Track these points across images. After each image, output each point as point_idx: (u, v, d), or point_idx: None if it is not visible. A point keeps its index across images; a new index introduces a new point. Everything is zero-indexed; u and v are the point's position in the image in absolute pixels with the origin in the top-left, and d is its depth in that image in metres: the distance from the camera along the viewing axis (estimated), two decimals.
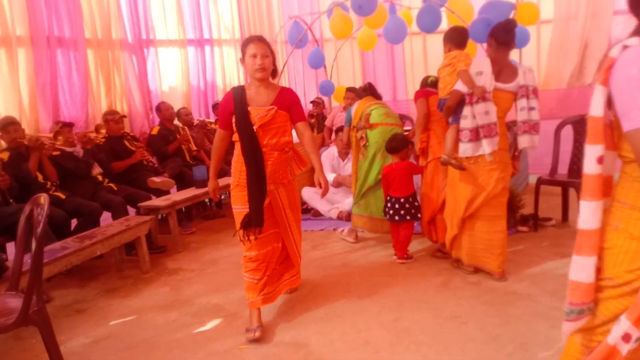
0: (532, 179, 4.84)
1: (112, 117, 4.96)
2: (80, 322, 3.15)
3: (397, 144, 3.76)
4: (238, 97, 2.68)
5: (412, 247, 4.00)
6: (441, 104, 3.33)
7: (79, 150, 4.49)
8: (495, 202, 3.19)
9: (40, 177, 4.09)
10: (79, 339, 2.90)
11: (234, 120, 2.69)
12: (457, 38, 3.35)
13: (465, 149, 3.11)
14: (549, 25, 6.64)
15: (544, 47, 6.74)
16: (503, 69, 3.06)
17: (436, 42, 7.06)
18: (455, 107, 3.16)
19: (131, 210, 4.60)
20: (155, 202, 4.54)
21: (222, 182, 5.30)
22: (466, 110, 3.06)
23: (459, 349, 2.45)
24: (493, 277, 3.26)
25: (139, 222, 3.96)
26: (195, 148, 5.71)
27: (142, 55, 6.36)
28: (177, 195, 4.78)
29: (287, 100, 2.74)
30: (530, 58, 6.40)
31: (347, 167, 5.28)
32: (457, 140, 3.18)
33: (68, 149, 4.40)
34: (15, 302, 2.25)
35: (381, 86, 7.54)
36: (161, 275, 3.91)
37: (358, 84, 7.26)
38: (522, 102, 3.04)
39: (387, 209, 3.79)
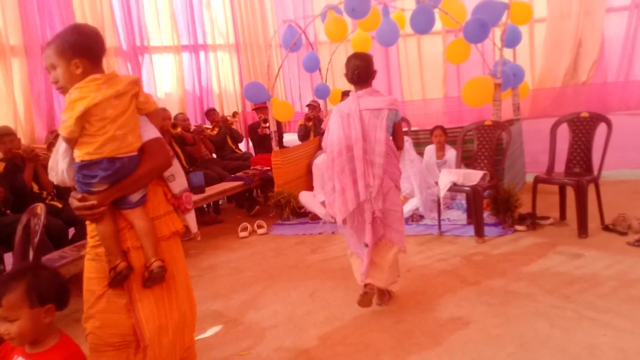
0: (529, 178, 4.84)
1: None
2: (80, 331, 3.12)
3: None
4: None
5: (413, 247, 4.00)
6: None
7: None
8: None
9: (35, 188, 4.07)
10: None
11: None
12: None
13: None
14: (543, 24, 6.67)
15: (538, 45, 6.77)
16: None
17: (430, 43, 7.16)
18: None
19: None
20: None
21: (220, 187, 5.33)
22: None
23: (459, 351, 2.45)
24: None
25: None
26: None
27: (137, 62, 6.36)
28: None
29: None
30: (524, 57, 6.43)
31: None
32: None
33: None
34: None
35: (376, 88, 7.55)
36: None
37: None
38: None
39: None
